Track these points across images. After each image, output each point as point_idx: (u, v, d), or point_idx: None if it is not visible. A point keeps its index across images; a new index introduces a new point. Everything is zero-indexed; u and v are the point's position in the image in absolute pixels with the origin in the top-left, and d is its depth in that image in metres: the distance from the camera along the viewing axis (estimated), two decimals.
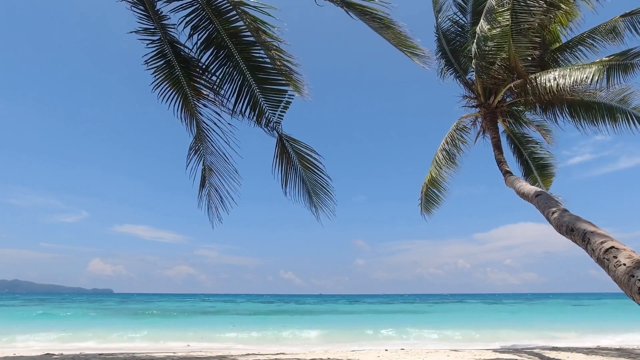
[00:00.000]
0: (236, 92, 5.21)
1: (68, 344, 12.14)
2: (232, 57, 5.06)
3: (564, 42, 7.75)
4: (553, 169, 9.72)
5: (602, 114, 7.52)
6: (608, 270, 3.33)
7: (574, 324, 19.26)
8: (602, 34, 7.19)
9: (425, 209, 10.00)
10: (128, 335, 14.26)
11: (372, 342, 12.95)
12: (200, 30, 5.05)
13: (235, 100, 5.24)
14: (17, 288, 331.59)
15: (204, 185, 5.81)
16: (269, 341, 13.35)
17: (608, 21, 6.99)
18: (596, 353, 8.53)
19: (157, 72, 5.51)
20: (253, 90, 5.18)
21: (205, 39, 5.07)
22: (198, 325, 20.11)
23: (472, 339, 13.78)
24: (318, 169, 5.52)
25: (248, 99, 5.24)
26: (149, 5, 5.21)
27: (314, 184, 5.62)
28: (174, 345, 12.03)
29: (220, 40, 4.97)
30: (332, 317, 26.82)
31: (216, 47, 5.10)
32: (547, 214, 5.02)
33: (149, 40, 5.25)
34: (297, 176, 5.59)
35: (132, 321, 23.53)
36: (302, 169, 5.55)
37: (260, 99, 5.22)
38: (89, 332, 15.10)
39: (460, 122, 9.30)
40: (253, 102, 5.24)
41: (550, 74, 6.64)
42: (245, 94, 5.22)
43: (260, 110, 5.27)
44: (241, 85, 5.18)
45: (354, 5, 4.33)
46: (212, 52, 5.12)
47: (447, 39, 8.93)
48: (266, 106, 5.26)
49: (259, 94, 5.20)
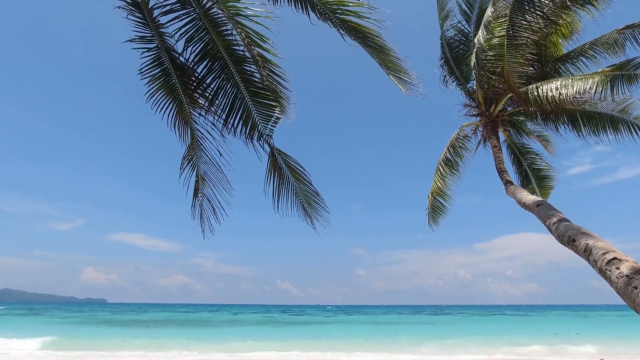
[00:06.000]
0: (229, 104, 5.21)
1: (54, 353, 11.99)
2: (226, 68, 5.06)
3: (565, 53, 7.79)
4: (552, 181, 9.69)
5: (603, 124, 7.52)
6: (610, 281, 3.31)
7: (579, 335, 19.01)
8: (603, 45, 7.23)
9: (433, 219, 9.95)
10: (115, 346, 14.04)
11: (373, 352, 12.79)
12: (195, 41, 5.00)
13: (228, 112, 5.22)
14: (8, 297, 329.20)
15: (197, 195, 5.76)
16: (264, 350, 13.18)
17: (609, 33, 7.04)
18: None
19: (152, 81, 5.40)
20: (246, 102, 5.18)
21: (200, 49, 5.04)
22: (192, 335, 19.83)
23: (473, 350, 13.60)
24: (307, 181, 5.53)
25: (241, 112, 5.23)
26: (147, 12, 5.21)
27: (307, 195, 5.61)
28: (172, 355, 11.89)
29: (216, 51, 4.98)
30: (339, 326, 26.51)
31: (211, 58, 5.07)
32: (548, 224, 5.00)
33: (145, 48, 5.17)
34: (289, 189, 5.57)
35: (123, 331, 23.29)
36: (295, 181, 5.54)
37: (253, 112, 5.22)
38: (78, 342, 14.94)
39: (461, 130, 9.31)
40: (246, 115, 5.23)
41: (552, 83, 6.66)
42: (239, 107, 5.21)
43: (252, 123, 5.26)
44: (234, 97, 5.17)
45: (348, 23, 4.34)
46: (206, 64, 5.12)
47: (451, 46, 8.98)
48: (259, 119, 5.26)
49: (252, 106, 5.20)
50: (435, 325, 29.40)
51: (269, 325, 28.27)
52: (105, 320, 33.22)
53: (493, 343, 14.90)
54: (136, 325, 28.70)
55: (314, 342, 15.11)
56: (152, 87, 5.30)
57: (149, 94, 5.33)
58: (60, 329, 23.25)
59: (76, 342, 14.18)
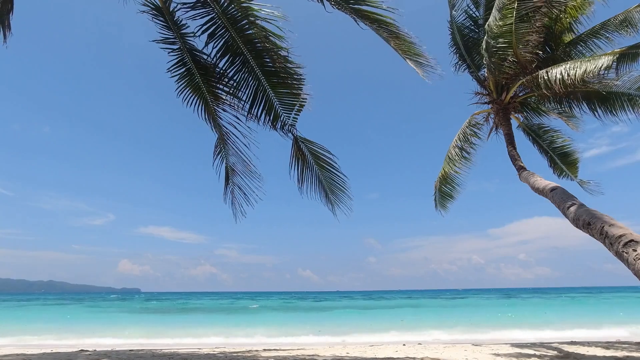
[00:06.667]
0: (252, 97, 5.45)
1: (101, 340, 12.72)
2: (247, 63, 5.28)
3: (576, 36, 7.71)
4: (576, 154, 9.43)
5: (620, 103, 7.43)
6: (627, 263, 3.40)
7: (592, 318, 19.00)
8: (615, 25, 7.13)
9: (441, 204, 10.06)
10: (157, 332, 14.88)
11: (390, 336, 13.13)
12: (216, 38, 5.28)
13: (251, 104, 5.49)
14: (53, 288, 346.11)
15: (227, 183, 6.09)
16: (289, 337, 13.67)
17: (621, 12, 6.94)
18: (616, 347, 8.50)
19: (180, 79, 5.78)
20: (268, 94, 5.40)
21: (221, 46, 5.30)
22: (220, 322, 20.70)
23: (488, 333, 13.81)
24: (334, 167, 5.70)
25: (263, 103, 5.47)
26: (169, 16, 5.49)
27: (330, 182, 5.80)
28: (198, 342, 12.47)
29: (236, 47, 5.20)
30: (350, 312, 27.09)
31: (232, 54, 5.33)
32: (563, 209, 5.08)
33: (170, 49, 5.53)
34: (313, 175, 5.79)
35: (159, 318, 24.46)
36: (318, 169, 5.74)
37: (275, 103, 5.44)
38: (120, 329, 15.85)
39: (473, 118, 9.32)
40: (268, 106, 5.47)
41: (562, 66, 6.64)
42: (261, 99, 5.45)
43: (275, 114, 5.49)
44: (256, 90, 5.41)
45: (362, 12, 4.46)
46: (228, 59, 5.36)
47: (461, 33, 8.91)
48: (281, 110, 5.48)
49: (273, 98, 5.41)
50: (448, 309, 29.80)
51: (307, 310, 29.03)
52: (183, 308, 35.29)
53: (508, 325, 15.05)
54: (206, 312, 30.37)
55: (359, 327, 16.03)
56: (180, 85, 5.60)
57: (179, 90, 5.62)
58: (106, 318, 24.70)
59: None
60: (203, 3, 5.20)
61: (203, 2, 5.20)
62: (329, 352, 8.17)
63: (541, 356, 7.04)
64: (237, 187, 6.01)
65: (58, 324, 19.29)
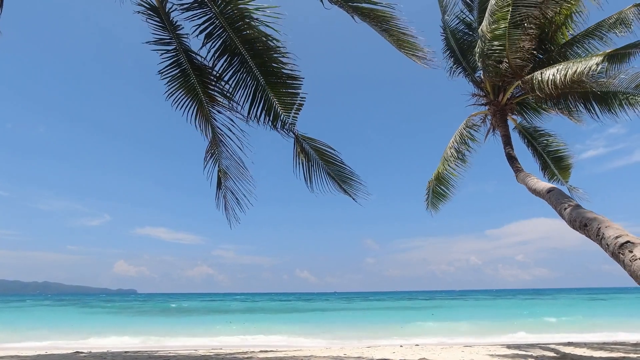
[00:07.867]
0: (250, 97, 5.41)
1: (96, 342, 12.60)
2: (245, 63, 5.24)
3: (571, 38, 7.73)
4: (569, 159, 9.51)
5: (619, 102, 7.44)
6: (624, 264, 3.39)
7: (589, 319, 19.08)
8: (609, 25, 7.16)
9: (432, 204, 10.04)
10: (150, 333, 14.76)
11: (387, 337, 13.10)
12: (214, 38, 5.23)
13: (250, 105, 5.44)
14: (48, 289, 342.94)
15: (220, 187, 6.02)
16: (286, 337, 13.60)
17: (616, 13, 6.98)
18: (612, 348, 8.53)
19: (172, 81, 5.69)
20: (267, 94, 5.36)
21: (219, 46, 5.24)
22: (216, 323, 20.60)
23: (485, 334, 13.81)
24: (338, 161, 5.67)
25: (263, 103, 5.43)
26: (165, 16, 5.43)
27: (340, 174, 5.75)
28: (195, 343, 12.38)
29: (234, 47, 5.15)
30: (347, 314, 27.05)
31: (230, 54, 5.28)
32: (559, 210, 5.07)
33: (164, 50, 5.44)
34: (321, 171, 5.75)
35: (154, 320, 24.32)
36: (324, 164, 5.71)
37: (274, 102, 5.41)
38: (115, 330, 15.72)
39: (470, 119, 9.33)
40: (268, 105, 5.43)
41: (554, 68, 6.64)
42: (260, 98, 5.41)
43: (275, 113, 5.45)
44: (255, 89, 5.37)
45: (359, 8, 4.47)
46: (226, 59, 5.31)
47: (455, 37, 8.94)
48: (280, 109, 5.44)
49: (272, 97, 5.38)
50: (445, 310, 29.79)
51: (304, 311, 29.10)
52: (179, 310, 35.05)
53: (505, 327, 15.03)
54: (202, 313, 30.24)
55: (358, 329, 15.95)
56: (171, 87, 5.54)
57: (169, 93, 5.56)
58: (102, 320, 24.44)
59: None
60: (200, 3, 5.17)
61: (200, 2, 5.17)
62: (325, 353, 8.12)
63: (538, 357, 7.03)
64: (229, 191, 5.92)
65: (53, 326, 19.14)
